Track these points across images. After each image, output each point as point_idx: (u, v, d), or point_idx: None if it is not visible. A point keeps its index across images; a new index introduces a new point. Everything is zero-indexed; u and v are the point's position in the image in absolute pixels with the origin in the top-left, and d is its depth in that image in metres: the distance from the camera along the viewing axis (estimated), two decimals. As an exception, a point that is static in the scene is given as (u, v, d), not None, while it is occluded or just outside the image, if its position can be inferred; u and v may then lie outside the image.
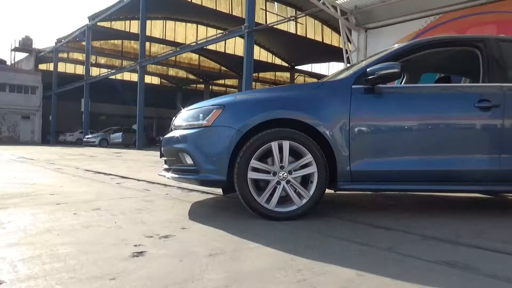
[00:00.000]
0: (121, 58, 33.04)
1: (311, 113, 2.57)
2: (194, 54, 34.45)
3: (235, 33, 14.85)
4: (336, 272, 1.56)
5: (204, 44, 19.66)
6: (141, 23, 21.37)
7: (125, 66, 29.00)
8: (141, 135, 21.38)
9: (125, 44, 32.98)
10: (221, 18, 27.54)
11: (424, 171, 2.66)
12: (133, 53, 31.64)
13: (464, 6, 7.26)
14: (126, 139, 25.09)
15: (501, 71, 2.85)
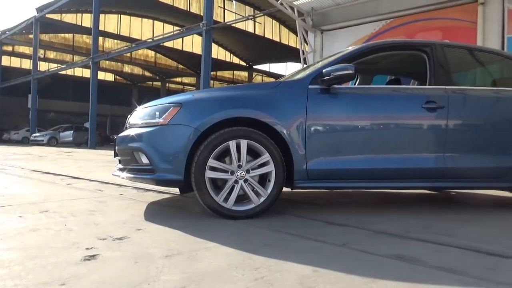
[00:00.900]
0: (72, 53, 31.50)
1: (268, 112, 2.59)
2: (150, 51, 33.59)
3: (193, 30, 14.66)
4: (292, 269, 1.59)
5: (160, 41, 19.25)
6: (94, 17, 20.51)
7: (76, 61, 27.66)
8: (93, 134, 20.53)
9: (77, 39, 31.49)
10: (179, 14, 27.06)
11: (376, 169, 2.77)
12: (85, 48, 30.29)
13: (412, 12, 7.64)
14: (78, 138, 24.00)
15: (446, 75, 3.03)
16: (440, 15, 7.33)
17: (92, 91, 19.69)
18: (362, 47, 3.07)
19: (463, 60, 3.47)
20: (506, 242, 2.15)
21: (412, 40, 3.42)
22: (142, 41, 23.15)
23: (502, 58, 3.56)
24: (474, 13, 6.88)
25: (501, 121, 3.07)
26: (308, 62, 9.13)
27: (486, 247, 2.02)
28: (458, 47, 3.33)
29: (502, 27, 6.64)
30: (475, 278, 1.55)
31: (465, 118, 2.96)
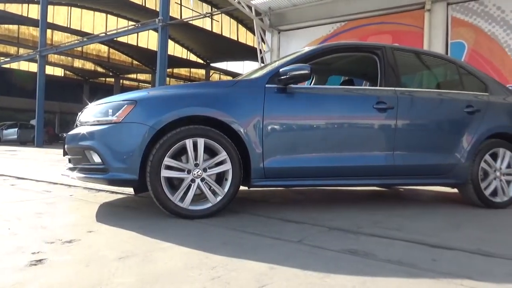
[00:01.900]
0: (17, 45, 29.57)
1: (226, 111, 2.58)
2: (103, 46, 32.28)
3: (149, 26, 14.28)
4: (249, 267, 1.60)
5: (114, 36, 18.55)
6: (41, 8, 19.36)
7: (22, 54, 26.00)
8: (40, 131, 19.41)
9: (22, 30, 29.58)
10: (134, 9, 26.22)
11: (331, 167, 2.85)
12: (32, 41, 28.52)
13: (365, 16, 7.93)
14: (23, 136, 22.61)
15: (395, 77, 3.18)
16: (390, 20, 7.68)
17: (39, 87, 18.61)
18: (318, 48, 3.14)
19: (411, 63, 3.65)
20: (447, 234, 2.30)
21: (364, 42, 3.56)
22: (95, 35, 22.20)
23: (446, 62, 3.79)
24: (421, 19, 7.26)
25: (444, 121, 3.27)
26: (266, 61, 9.20)
27: (430, 240, 2.15)
28: (406, 51, 3.50)
29: (446, 33, 7.07)
30: (421, 270, 1.64)
31: (412, 118, 3.13)
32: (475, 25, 6.80)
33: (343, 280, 1.48)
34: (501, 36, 6.57)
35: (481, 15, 6.74)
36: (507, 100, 3.56)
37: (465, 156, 3.21)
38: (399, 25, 7.60)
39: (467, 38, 6.88)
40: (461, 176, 3.23)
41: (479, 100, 3.40)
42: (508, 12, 6.49)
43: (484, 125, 3.30)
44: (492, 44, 6.66)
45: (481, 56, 6.72)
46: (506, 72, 6.50)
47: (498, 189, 3.31)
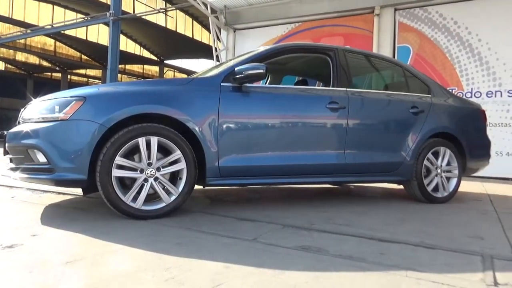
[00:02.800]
0: (-50, 35, 27.21)
1: (180, 109, 2.54)
2: (49, 39, 30.49)
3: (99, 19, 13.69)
4: (204, 266, 1.59)
5: (61, 28, 17.60)
6: (-22, -4, 17.95)
7: (-45, 45, 23.99)
8: (-22, 129, 18.03)
9: (-44, 19, 27.28)
10: (83, 1, 24.99)
11: (285, 165, 2.90)
12: (-33, 31, 26.38)
13: (318, 18, 8.13)
14: (-43, 133, 20.91)
15: (347, 78, 3.29)
16: (343, 23, 7.93)
17: (-24, 81, 17.25)
18: (273, 47, 3.18)
19: (361, 65, 3.80)
20: (394, 229, 2.42)
21: (318, 44, 3.66)
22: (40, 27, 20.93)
23: (393, 65, 3.99)
24: (371, 23, 7.57)
25: (391, 121, 3.44)
26: (221, 59, 9.16)
27: (378, 234, 2.25)
28: (357, 53, 3.64)
29: (393, 37, 7.42)
30: (370, 263, 1.72)
31: (362, 118, 3.25)
32: (420, 30, 7.20)
33: (296, 276, 1.52)
34: (442, 42, 7.01)
35: (425, 21, 7.15)
36: (447, 102, 3.81)
37: (410, 155, 3.40)
38: (350, 28, 7.87)
39: (412, 42, 7.27)
40: (406, 173, 3.42)
41: (422, 101, 3.61)
42: (449, 20, 6.94)
43: (427, 125, 3.50)
44: (434, 49, 7.09)
45: (425, 60, 7.14)
46: (447, 76, 6.95)
47: (439, 185, 3.54)
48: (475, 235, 2.33)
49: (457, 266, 1.73)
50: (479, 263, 1.79)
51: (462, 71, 6.86)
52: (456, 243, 2.13)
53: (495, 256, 1.91)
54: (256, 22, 8.88)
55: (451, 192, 3.60)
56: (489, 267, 1.73)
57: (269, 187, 4.30)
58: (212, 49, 9.15)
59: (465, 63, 6.84)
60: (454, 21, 6.94)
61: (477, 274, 1.64)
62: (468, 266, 1.74)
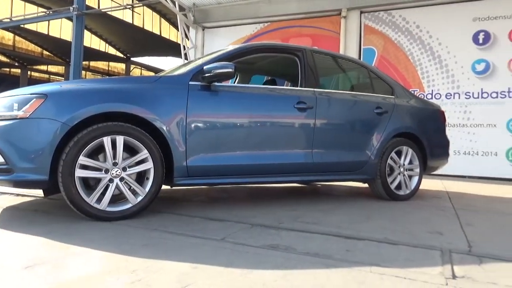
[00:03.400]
0: None
1: (147, 108, 2.49)
2: (8, 33, 29.03)
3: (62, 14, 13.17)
4: (171, 267, 1.57)
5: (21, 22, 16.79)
6: None
7: None
8: None
9: None
10: (44, -6, 24.01)
11: (253, 165, 2.91)
12: None
13: (287, 18, 8.21)
14: None
15: (314, 78, 3.35)
16: (310, 24, 8.04)
17: None
18: (242, 47, 3.18)
19: (328, 66, 3.87)
20: (359, 226, 2.49)
21: (286, 44, 3.69)
22: (-4, 20, 19.87)
23: (359, 66, 4.09)
24: (338, 25, 7.73)
25: (357, 121, 3.53)
26: (189, 58, 9.06)
27: (345, 231, 2.30)
28: (324, 54, 3.70)
29: (359, 39, 7.61)
30: (336, 260, 1.76)
31: (329, 118, 3.32)
32: (384, 33, 7.43)
33: (265, 275, 1.53)
34: (405, 45, 7.26)
35: (389, 24, 7.39)
36: (410, 103, 3.96)
37: (375, 154, 3.50)
38: (318, 29, 8.00)
39: (377, 45, 7.49)
40: (371, 172, 3.52)
41: (386, 102, 3.72)
42: (412, 24, 7.20)
43: (391, 125, 3.62)
44: (398, 52, 7.33)
45: (389, 62, 7.37)
46: (409, 78, 7.21)
47: (401, 183, 3.67)
48: (435, 231, 2.44)
49: (418, 261, 1.80)
50: (438, 257, 1.87)
51: (424, 73, 7.14)
52: (417, 238, 2.22)
53: (453, 250, 2.00)
54: (225, 21, 8.85)
55: (413, 190, 3.74)
56: (448, 261, 1.81)
57: (238, 187, 4.30)
58: (181, 47, 9.03)
59: (426, 65, 7.12)
60: (417, 25, 7.21)
61: (437, 268, 1.71)
62: (428, 261, 1.81)
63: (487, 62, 6.67)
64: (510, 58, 6.53)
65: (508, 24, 6.57)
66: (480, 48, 6.73)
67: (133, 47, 32.42)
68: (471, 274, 1.64)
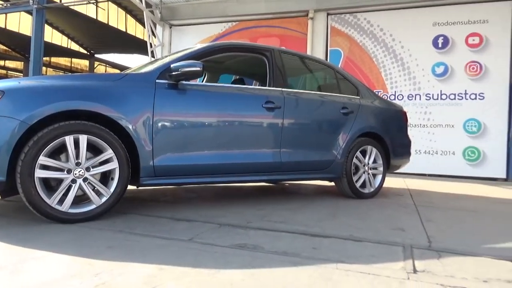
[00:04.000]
0: None
1: (112, 106, 2.43)
2: (-41, 25, 27.38)
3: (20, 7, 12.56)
4: (137, 270, 1.54)
5: (-26, 14, 15.86)
6: None
7: None
8: None
9: None
10: (0, -14, 22.78)
11: (222, 164, 2.90)
12: None
13: (255, 18, 8.24)
14: None
15: (282, 78, 3.38)
16: (278, 24, 8.11)
17: None
18: (210, 45, 3.16)
19: (296, 66, 3.92)
20: (325, 224, 2.54)
21: (255, 44, 3.71)
22: None
23: (326, 67, 4.17)
24: (305, 26, 7.84)
25: (324, 121, 3.60)
26: (156, 55, 8.90)
27: (311, 230, 2.34)
28: (292, 54, 3.75)
29: (326, 41, 7.76)
30: (303, 258, 1.78)
31: (297, 118, 3.36)
32: (350, 35, 7.61)
33: (232, 274, 1.53)
34: (370, 47, 7.47)
35: (355, 27, 7.58)
36: (374, 103, 4.07)
37: (341, 153, 3.58)
38: (286, 29, 8.08)
39: (343, 46, 7.66)
40: (337, 171, 3.59)
41: (352, 102, 3.82)
42: (376, 27, 7.42)
43: (356, 125, 3.72)
44: (362, 54, 7.54)
45: (354, 64, 7.56)
46: (374, 79, 7.43)
47: (366, 181, 3.77)
48: (397, 227, 2.53)
49: (381, 257, 1.86)
50: (400, 253, 1.94)
51: (387, 75, 7.38)
52: (381, 235, 2.29)
53: (414, 245, 2.08)
54: (193, 19, 8.76)
55: (377, 188, 3.86)
56: (409, 256, 1.89)
57: (206, 186, 4.27)
58: (147, 45, 8.86)
59: (390, 67, 7.37)
60: (380, 28, 7.44)
61: (399, 263, 1.78)
62: (391, 256, 1.88)
63: (446, 65, 6.99)
64: (467, 61, 6.88)
65: (465, 30, 6.91)
66: (440, 51, 7.04)
67: (97, 44, 31.42)
68: (430, 268, 1.72)
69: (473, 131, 6.80)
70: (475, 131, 6.79)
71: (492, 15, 6.77)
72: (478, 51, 6.83)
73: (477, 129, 6.78)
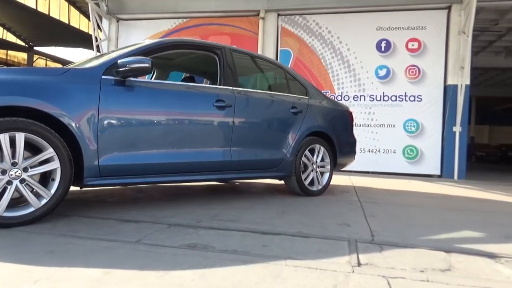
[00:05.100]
0: None
1: (53, 102, 2.29)
2: None
3: None
4: (81, 274, 1.47)
5: None
6: None
7: None
8: None
9: None
10: None
11: (171, 163, 2.84)
12: None
13: (206, 15, 8.17)
14: None
15: (233, 77, 3.38)
16: (229, 22, 8.11)
17: None
18: (160, 41, 3.09)
19: (247, 65, 3.94)
20: (275, 222, 2.58)
21: (206, 41, 3.67)
22: None
23: (276, 67, 4.23)
24: (256, 25, 7.91)
25: (274, 120, 3.66)
26: (102, 50, 8.53)
27: (262, 227, 2.37)
28: (243, 53, 3.76)
29: (276, 41, 7.88)
30: (253, 256, 1.80)
31: (248, 117, 3.38)
32: (299, 36, 7.79)
33: (182, 275, 1.51)
34: (318, 49, 7.70)
35: (304, 28, 7.76)
36: (322, 103, 4.20)
37: (290, 152, 3.66)
38: (237, 28, 8.10)
39: (293, 47, 7.83)
40: (287, 169, 3.67)
41: (301, 102, 3.91)
42: (324, 29, 7.65)
43: (305, 125, 3.82)
44: (311, 55, 7.75)
45: (304, 64, 7.75)
46: (322, 80, 7.67)
47: (314, 179, 3.89)
48: (343, 223, 2.63)
49: (328, 252, 1.93)
50: (346, 247, 2.03)
51: (334, 76, 7.65)
52: (328, 231, 2.37)
53: (359, 240, 2.18)
54: (142, 14, 8.50)
55: (324, 185, 3.99)
56: (354, 250, 1.97)
57: (154, 186, 4.17)
58: (92, 39, 8.46)
59: (337, 69, 7.64)
60: (329, 30, 7.69)
61: (345, 257, 1.85)
62: (338, 251, 1.95)
63: (388, 68, 7.38)
64: (407, 65, 7.31)
65: (405, 35, 7.34)
66: (382, 55, 7.42)
67: (37, 36, 29.44)
68: (373, 261, 1.81)
69: (412, 131, 7.25)
70: (414, 131, 7.24)
71: (429, 22, 7.25)
72: (417, 56, 7.29)
73: (415, 129, 7.23)
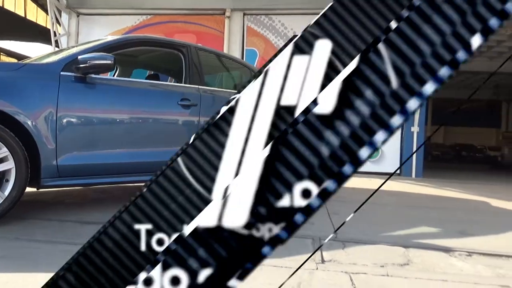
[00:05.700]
0: None
1: (7, 99, 2.17)
2: None
3: None
4: (38, 280, 1.40)
5: None
6: None
7: None
8: None
9: None
10: None
11: (133, 163, 2.77)
12: None
13: (171, 13, 8.03)
14: None
15: (199, 75, 3.35)
16: (195, 21, 8.02)
17: None
18: (123, 38, 3.02)
19: (212, 64, 3.92)
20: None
21: (171, 39, 3.62)
22: None
23: (242, 66, 4.24)
24: (222, 24, 7.87)
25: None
26: (61, 45, 8.18)
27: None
28: (209, 52, 3.74)
29: (242, 40, 7.88)
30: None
31: (213, 116, 3.35)
32: (265, 36, 7.83)
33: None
34: (284, 49, 7.79)
35: (270, 28, 7.82)
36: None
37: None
38: (203, 26, 8.02)
39: (258, 46, 7.86)
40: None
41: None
42: (290, 30, 7.74)
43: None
44: (278, 55, 7.83)
45: (270, 64, 7.82)
46: (288, 80, 7.75)
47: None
48: (308, 221, 2.67)
49: (294, 250, 1.95)
50: (310, 245, 2.07)
51: (300, 76, 7.75)
52: (293, 229, 2.40)
53: (323, 237, 2.23)
54: (104, 9, 8.24)
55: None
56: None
57: (119, 187, 4.06)
58: (51, 33, 8.11)
59: (303, 70, 7.75)
60: (294, 31, 7.77)
61: (309, 254, 1.88)
62: (303, 249, 1.98)
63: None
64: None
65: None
66: (346, 56, 7.60)
67: (-11, 28, 27.85)
68: (336, 257, 1.85)
69: (374, 131, 7.47)
70: (376, 131, 7.47)
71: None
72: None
73: (377, 129, 7.46)
